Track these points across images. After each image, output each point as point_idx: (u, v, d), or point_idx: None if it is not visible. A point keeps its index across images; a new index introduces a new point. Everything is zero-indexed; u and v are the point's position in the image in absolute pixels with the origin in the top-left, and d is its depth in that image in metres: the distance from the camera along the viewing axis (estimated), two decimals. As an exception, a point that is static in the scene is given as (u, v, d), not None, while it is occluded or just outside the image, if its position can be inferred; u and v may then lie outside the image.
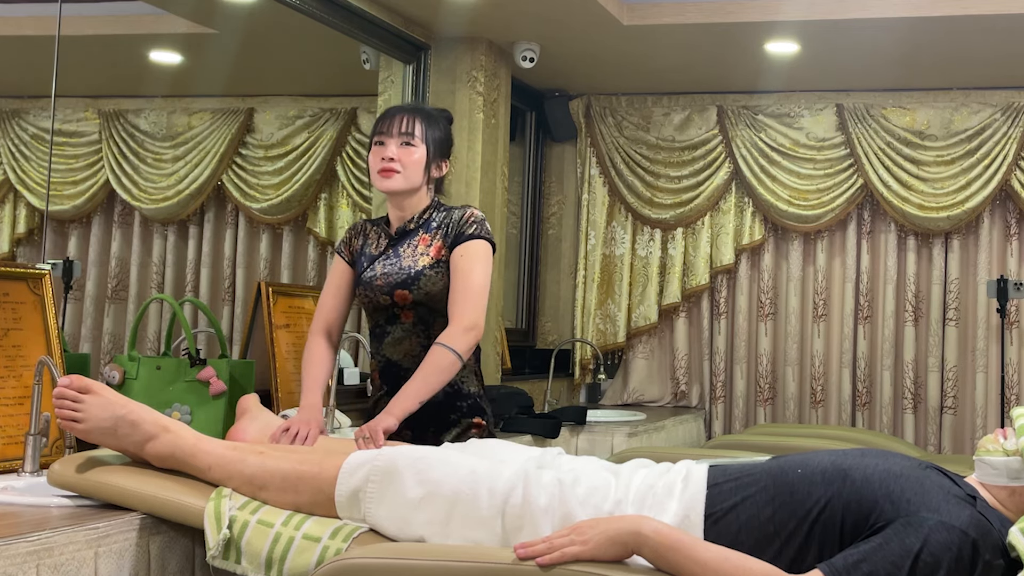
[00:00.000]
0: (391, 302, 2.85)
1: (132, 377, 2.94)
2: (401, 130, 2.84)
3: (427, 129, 2.86)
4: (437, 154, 2.90)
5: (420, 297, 2.82)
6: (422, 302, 2.83)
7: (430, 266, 2.82)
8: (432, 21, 4.63)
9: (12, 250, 3.52)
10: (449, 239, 2.83)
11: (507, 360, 5.30)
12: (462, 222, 2.84)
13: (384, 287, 2.85)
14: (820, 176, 5.77)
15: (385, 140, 2.85)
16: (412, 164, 2.84)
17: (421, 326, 2.85)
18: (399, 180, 2.83)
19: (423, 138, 2.85)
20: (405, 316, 2.86)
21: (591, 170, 6.08)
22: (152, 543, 2.21)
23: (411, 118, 2.86)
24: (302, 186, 4.64)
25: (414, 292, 2.82)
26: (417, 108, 2.91)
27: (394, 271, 2.85)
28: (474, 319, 2.75)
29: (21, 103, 3.50)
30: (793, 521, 2.00)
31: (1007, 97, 5.54)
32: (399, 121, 2.85)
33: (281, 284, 3.83)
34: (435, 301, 2.83)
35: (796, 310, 5.83)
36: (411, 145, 2.84)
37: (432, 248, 2.84)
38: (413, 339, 2.86)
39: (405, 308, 2.85)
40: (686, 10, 4.71)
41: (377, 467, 2.19)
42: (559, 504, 2.09)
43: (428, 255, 2.83)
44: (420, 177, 2.86)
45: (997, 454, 2.04)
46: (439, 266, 2.82)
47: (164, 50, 4.10)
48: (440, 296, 2.82)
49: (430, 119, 2.89)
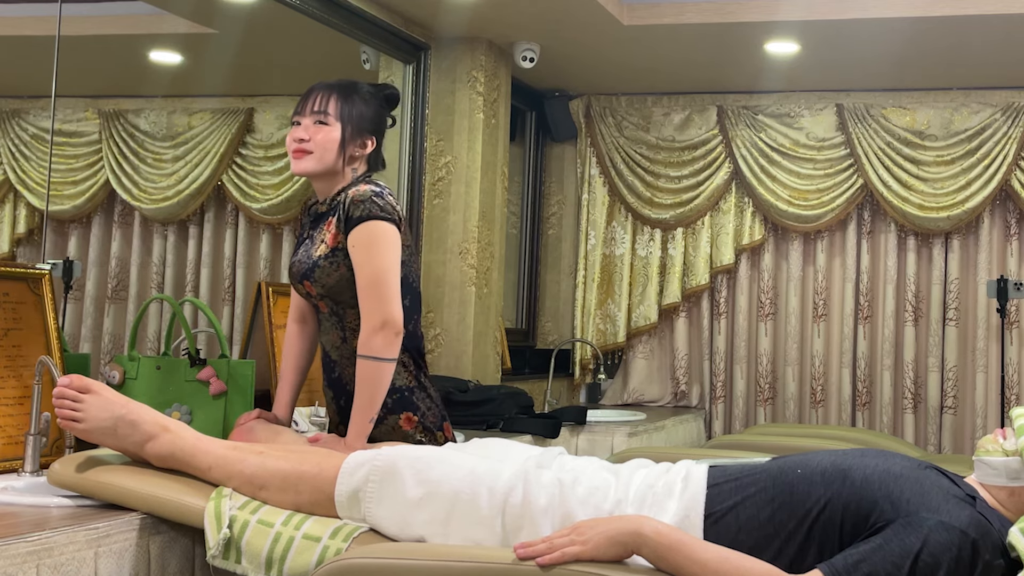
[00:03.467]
0: (305, 292, 2.75)
1: (132, 377, 2.94)
2: (314, 108, 2.68)
3: (343, 105, 2.69)
4: (357, 132, 2.71)
5: (321, 290, 2.68)
6: (326, 295, 2.69)
7: (324, 256, 2.66)
8: (432, 21, 4.63)
9: (12, 250, 3.52)
10: (342, 224, 2.63)
11: (507, 360, 5.30)
12: (349, 205, 2.62)
13: (296, 276, 2.74)
14: (820, 176, 5.77)
15: (300, 120, 2.70)
16: (324, 143, 2.67)
17: (335, 317, 2.72)
18: (310, 161, 2.67)
19: (337, 115, 2.68)
20: (322, 307, 2.74)
21: (591, 170, 6.08)
22: (152, 543, 2.21)
23: (326, 95, 2.70)
24: (302, 186, 4.64)
25: (315, 284, 2.68)
26: (336, 85, 2.73)
27: (302, 259, 2.72)
28: (383, 315, 2.56)
29: (21, 103, 3.50)
30: (793, 521, 2.00)
31: (1007, 97, 5.54)
32: (314, 99, 2.69)
33: (281, 284, 3.83)
34: (336, 293, 2.67)
35: (796, 310, 5.83)
36: (324, 124, 2.68)
37: (328, 236, 2.67)
38: (333, 331, 2.74)
39: (319, 299, 2.72)
40: (686, 10, 4.70)
41: (377, 467, 2.19)
42: (559, 504, 2.09)
43: (325, 243, 2.66)
44: (333, 157, 2.68)
45: (996, 454, 2.04)
46: (334, 255, 2.65)
47: (164, 50, 4.10)
48: (339, 287, 2.66)
49: (350, 95, 2.71)
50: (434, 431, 2.75)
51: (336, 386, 2.78)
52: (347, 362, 2.73)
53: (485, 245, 4.94)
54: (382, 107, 2.80)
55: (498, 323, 5.11)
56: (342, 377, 2.75)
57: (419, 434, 2.72)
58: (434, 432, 2.75)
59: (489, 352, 4.97)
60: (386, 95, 2.83)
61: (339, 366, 2.75)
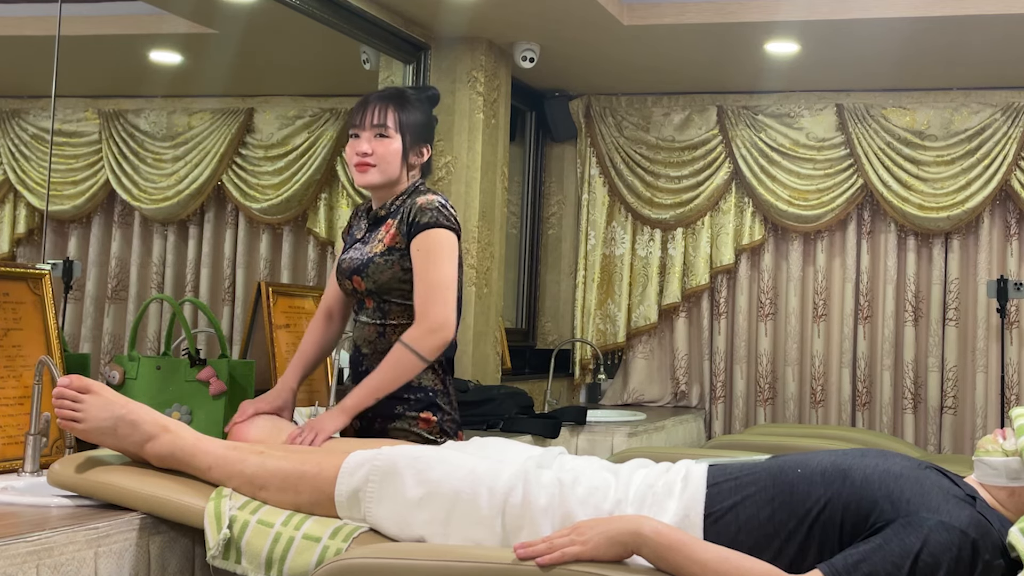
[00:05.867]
0: (352, 287, 2.81)
1: (132, 377, 2.94)
2: (374, 122, 2.76)
3: (401, 117, 2.77)
4: (415, 141, 2.81)
5: (371, 285, 2.76)
6: (374, 290, 2.77)
7: (380, 254, 2.75)
8: (432, 21, 4.62)
9: (12, 250, 3.52)
10: (405, 228, 2.73)
11: (507, 360, 5.30)
12: (416, 211, 2.72)
13: (346, 271, 2.81)
14: (820, 176, 5.77)
15: (359, 133, 2.78)
16: (388, 156, 2.77)
17: (379, 313, 2.79)
18: (375, 174, 2.78)
19: (397, 127, 2.77)
20: (368, 302, 2.82)
21: (591, 170, 6.08)
22: (152, 543, 2.21)
23: (384, 108, 2.77)
24: (302, 186, 4.64)
25: (365, 280, 2.77)
26: (390, 95, 2.81)
27: (356, 257, 2.80)
28: (441, 318, 2.67)
29: (21, 103, 3.50)
30: (793, 521, 2.00)
31: (1007, 97, 5.54)
32: (372, 112, 2.77)
33: (281, 284, 3.83)
34: (386, 291, 2.76)
35: (796, 310, 5.83)
36: (385, 136, 2.77)
37: (387, 236, 2.77)
38: (372, 326, 2.81)
39: (364, 294, 2.81)
40: (686, 10, 4.71)
41: (377, 467, 2.19)
42: (559, 504, 2.09)
43: (383, 242, 2.77)
44: (397, 168, 2.79)
45: (996, 454, 2.04)
46: (390, 254, 2.74)
47: (164, 50, 4.10)
48: (390, 286, 2.75)
49: (405, 105, 2.79)
50: (451, 435, 2.81)
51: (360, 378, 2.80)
52: (377, 357, 2.76)
53: (485, 245, 4.94)
54: (430, 111, 2.88)
55: (498, 323, 5.11)
56: (370, 371, 2.77)
57: (436, 436, 2.77)
58: (452, 437, 2.81)
59: (489, 352, 4.97)
60: (429, 96, 2.91)
61: (368, 360, 2.80)
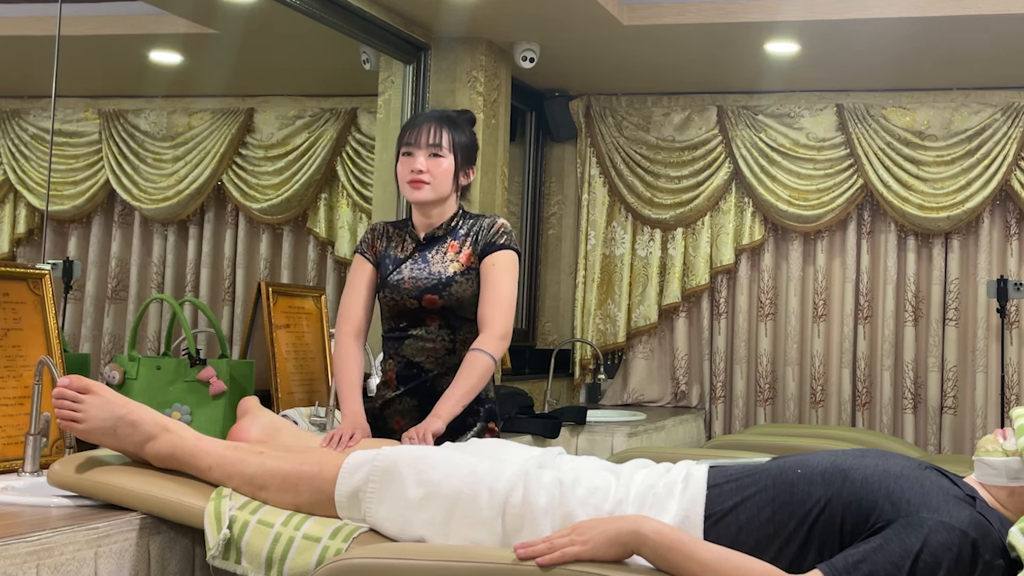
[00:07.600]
0: (419, 306, 2.90)
1: (132, 377, 2.94)
2: (430, 141, 2.87)
3: (454, 137, 2.90)
4: (465, 162, 2.94)
5: (450, 302, 2.89)
6: (450, 307, 2.89)
7: (460, 273, 2.89)
8: (432, 21, 4.63)
9: (12, 250, 3.52)
10: (479, 247, 2.91)
11: (507, 360, 5.29)
12: (493, 232, 2.92)
13: (412, 291, 2.90)
14: (820, 176, 5.77)
15: (413, 151, 2.88)
16: (441, 175, 2.88)
17: (447, 330, 2.92)
18: (428, 191, 2.88)
19: (451, 147, 2.89)
20: (431, 320, 2.92)
21: (591, 170, 6.08)
22: (152, 543, 2.21)
23: (439, 128, 2.89)
24: (302, 186, 4.65)
25: (444, 297, 2.88)
26: (444, 116, 2.95)
27: (423, 276, 2.90)
28: (507, 328, 2.87)
29: (21, 103, 3.50)
30: (793, 521, 2.00)
31: (1007, 97, 5.54)
32: (427, 131, 2.88)
33: (281, 284, 3.83)
34: (462, 307, 2.90)
35: (796, 310, 5.83)
36: (439, 156, 2.88)
37: (462, 255, 2.91)
38: (439, 342, 2.92)
39: (432, 312, 2.90)
40: (686, 10, 4.70)
41: (377, 467, 2.19)
42: (559, 504, 2.09)
43: (459, 262, 2.90)
44: (449, 187, 2.91)
45: (996, 454, 2.04)
46: (469, 273, 2.89)
47: (164, 50, 4.11)
48: (468, 302, 2.90)
49: (456, 126, 2.93)
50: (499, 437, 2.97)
51: (421, 391, 2.92)
52: (445, 372, 2.90)
53: (485, 245, 4.93)
54: (474, 136, 3.01)
55: (498, 323, 5.10)
56: (435, 386, 2.89)
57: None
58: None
59: (489, 352, 4.96)
60: (468, 119, 3.03)
61: (435, 377, 2.92)
